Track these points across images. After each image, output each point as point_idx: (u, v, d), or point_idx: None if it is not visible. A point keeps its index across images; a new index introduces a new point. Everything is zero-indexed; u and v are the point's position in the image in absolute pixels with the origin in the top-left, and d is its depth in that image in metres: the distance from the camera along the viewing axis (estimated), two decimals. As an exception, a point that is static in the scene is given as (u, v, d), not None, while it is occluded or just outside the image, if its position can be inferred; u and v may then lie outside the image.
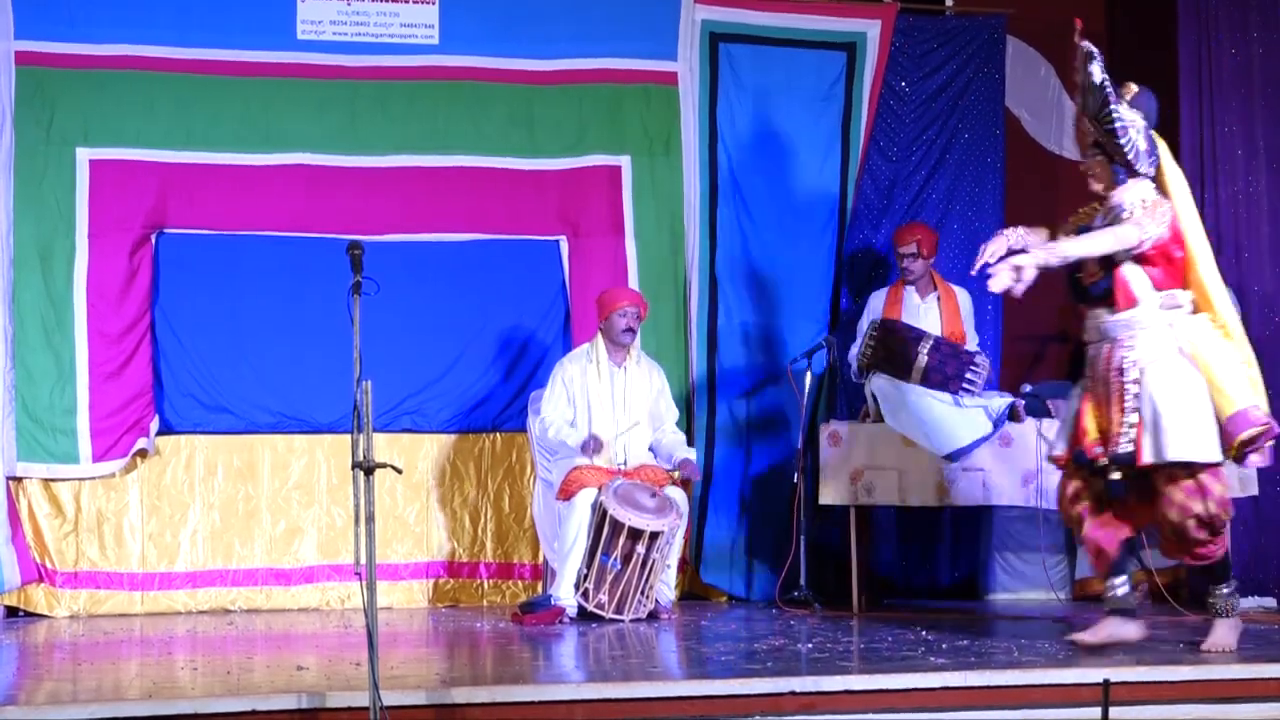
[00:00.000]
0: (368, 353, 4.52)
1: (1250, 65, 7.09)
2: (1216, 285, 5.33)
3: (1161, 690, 4.84)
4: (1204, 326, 5.26)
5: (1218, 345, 5.24)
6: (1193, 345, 5.22)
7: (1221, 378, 5.18)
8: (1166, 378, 5.19)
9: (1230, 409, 5.16)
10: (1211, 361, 5.20)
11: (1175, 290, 5.27)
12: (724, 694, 4.64)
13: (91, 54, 7.03)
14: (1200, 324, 5.26)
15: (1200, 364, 5.20)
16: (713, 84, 7.52)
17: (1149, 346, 5.23)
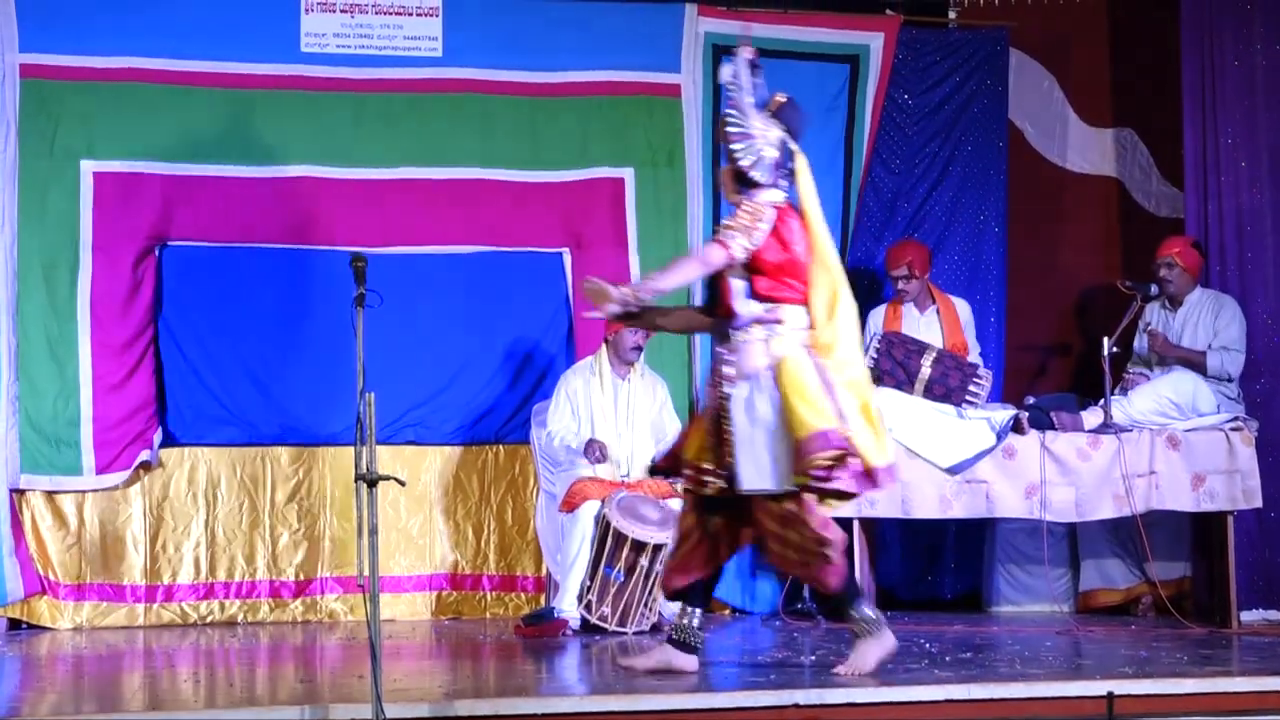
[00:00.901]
0: (371, 365, 4.52)
1: (1253, 77, 7.13)
2: (836, 305, 5.04)
3: (1166, 703, 4.81)
4: (800, 344, 5.00)
5: (807, 365, 4.96)
6: (784, 364, 4.95)
7: (801, 399, 4.89)
8: (748, 401, 4.98)
9: (804, 431, 4.85)
10: (796, 381, 4.92)
11: (783, 305, 5.01)
12: (727, 707, 4.62)
13: (95, 66, 7.04)
14: (798, 342, 5.00)
15: (783, 383, 4.93)
16: (716, 97, 7.50)
17: (743, 363, 5.01)
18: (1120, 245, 7.81)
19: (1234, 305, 6.96)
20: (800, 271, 5.04)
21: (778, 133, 5.12)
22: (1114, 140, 7.85)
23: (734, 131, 5.07)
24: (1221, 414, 6.71)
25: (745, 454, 4.96)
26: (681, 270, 5.06)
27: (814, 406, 4.90)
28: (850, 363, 5.06)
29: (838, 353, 5.05)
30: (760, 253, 4.99)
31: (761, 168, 5.06)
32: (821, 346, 5.04)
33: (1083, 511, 6.62)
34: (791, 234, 5.04)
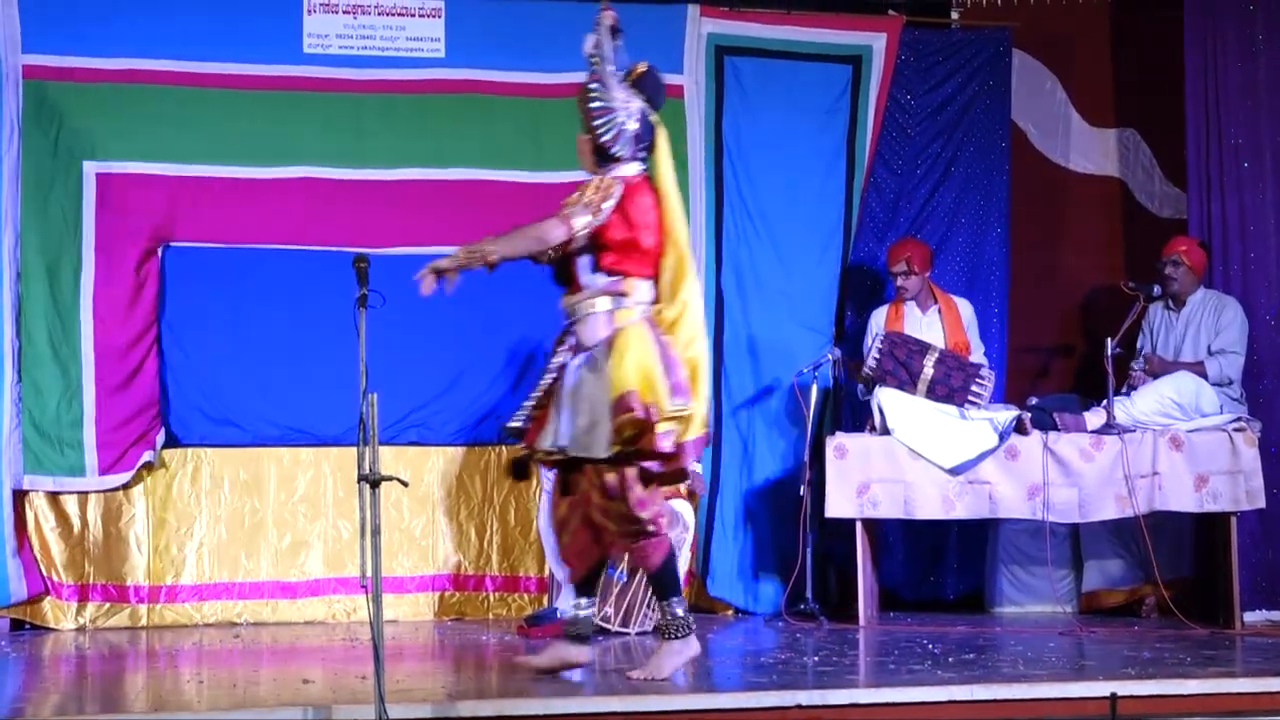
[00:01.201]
0: (374, 365, 4.55)
1: (1256, 78, 7.15)
2: (681, 283, 5.07)
3: (1169, 704, 4.84)
4: (643, 317, 5.01)
5: (646, 336, 4.97)
6: (622, 333, 4.96)
7: (622, 362, 4.89)
8: (579, 369, 5.00)
9: (616, 392, 4.87)
10: (628, 348, 4.92)
11: (628, 278, 5.03)
12: (730, 707, 4.65)
13: (99, 68, 7.05)
14: (641, 314, 5.01)
15: (616, 349, 4.93)
16: (718, 97, 7.52)
17: (585, 333, 5.03)
18: (1123, 246, 7.80)
19: (1236, 306, 6.97)
20: (647, 247, 5.06)
21: (639, 104, 5.16)
22: (1117, 141, 7.85)
23: (595, 107, 5.09)
24: (1225, 414, 6.72)
25: (568, 417, 4.97)
26: (520, 240, 5.05)
27: (631, 370, 4.90)
28: (691, 342, 5.09)
29: (681, 331, 5.08)
30: (606, 228, 5.01)
31: (621, 141, 5.10)
32: (664, 322, 5.08)
33: (1085, 512, 6.63)
34: (640, 210, 5.05)
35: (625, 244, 5.04)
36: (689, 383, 5.04)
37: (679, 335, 5.09)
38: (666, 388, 4.94)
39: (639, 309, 5.06)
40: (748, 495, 7.46)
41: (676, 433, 4.99)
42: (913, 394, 6.80)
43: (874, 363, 6.85)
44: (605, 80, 5.13)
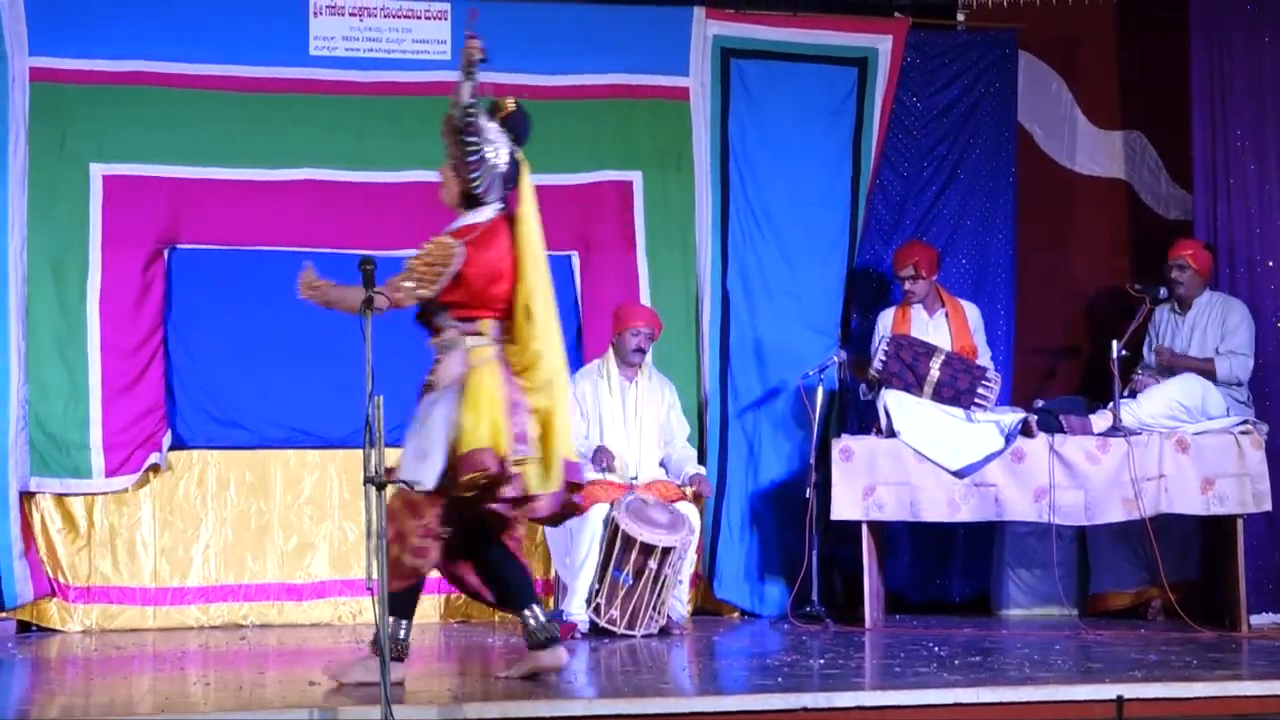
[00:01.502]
0: (379, 367, 4.56)
1: (1262, 80, 7.17)
2: (531, 323, 5.12)
3: (1175, 707, 4.85)
4: (495, 357, 5.09)
5: (495, 380, 5.04)
6: (473, 374, 5.05)
7: (473, 412, 4.97)
8: (430, 402, 5.12)
9: (465, 448, 4.93)
10: (477, 394, 5.00)
11: (484, 320, 5.13)
12: (736, 710, 4.65)
13: (105, 70, 7.09)
14: (493, 354, 5.09)
15: (466, 393, 5.01)
16: (724, 99, 7.55)
17: (441, 373, 5.14)
18: (1129, 248, 7.81)
19: (1243, 308, 6.98)
20: (498, 292, 5.12)
21: (506, 144, 5.25)
22: (1123, 142, 7.85)
23: (471, 154, 5.14)
24: (1231, 417, 6.73)
25: (408, 445, 5.08)
26: (346, 300, 5.15)
27: (482, 423, 4.94)
28: (547, 386, 5.10)
29: (536, 375, 5.10)
30: (444, 291, 5.09)
31: (494, 188, 5.20)
32: (518, 364, 5.11)
33: (1092, 515, 6.63)
34: (489, 260, 5.11)
35: (472, 295, 5.11)
36: (532, 432, 5.06)
37: (534, 378, 5.11)
38: (511, 435, 4.98)
39: (493, 348, 5.12)
40: (754, 498, 7.47)
41: (524, 482, 5.02)
42: (919, 396, 6.81)
43: (880, 365, 6.85)
44: (480, 130, 5.18)
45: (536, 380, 5.11)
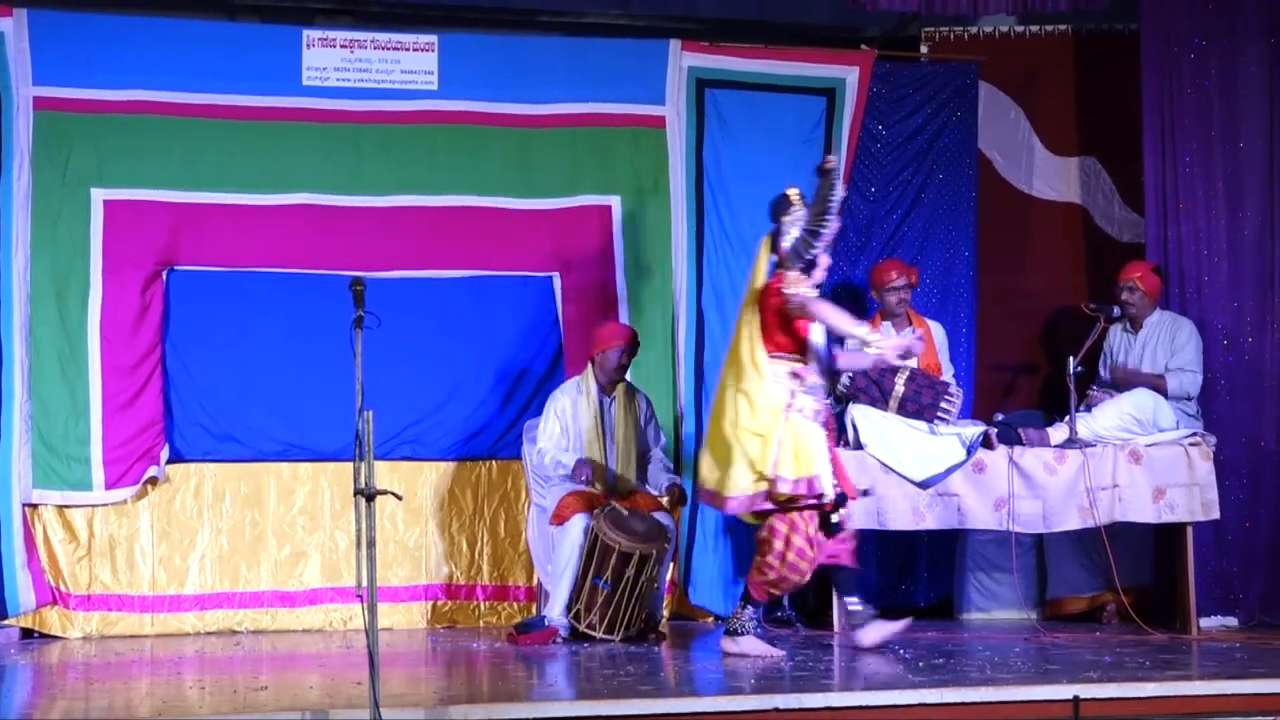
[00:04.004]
0: (369, 384, 4.63)
1: (1210, 110, 7.28)
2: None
3: (1129, 706, 4.95)
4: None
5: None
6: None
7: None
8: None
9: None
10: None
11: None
12: (711, 710, 4.73)
13: (106, 99, 7.13)
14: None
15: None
16: (699, 127, 7.63)
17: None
18: (1085, 269, 7.87)
19: (1190, 327, 7.09)
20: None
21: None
22: (1078, 169, 7.94)
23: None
24: (1181, 429, 6.83)
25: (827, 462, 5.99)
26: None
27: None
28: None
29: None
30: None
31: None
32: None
33: (1049, 523, 6.71)
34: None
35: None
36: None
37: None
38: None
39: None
40: None
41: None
42: (884, 410, 6.89)
43: (847, 380, 6.92)
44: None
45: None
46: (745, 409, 5.85)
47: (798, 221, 5.98)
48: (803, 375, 5.93)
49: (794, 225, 5.98)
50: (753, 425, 5.83)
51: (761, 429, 5.83)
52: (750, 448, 5.83)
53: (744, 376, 5.88)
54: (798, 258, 5.94)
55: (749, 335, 5.95)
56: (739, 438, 5.84)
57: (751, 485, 5.84)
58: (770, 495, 5.84)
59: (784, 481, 5.81)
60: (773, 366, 5.90)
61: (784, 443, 5.82)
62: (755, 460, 5.82)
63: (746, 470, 5.84)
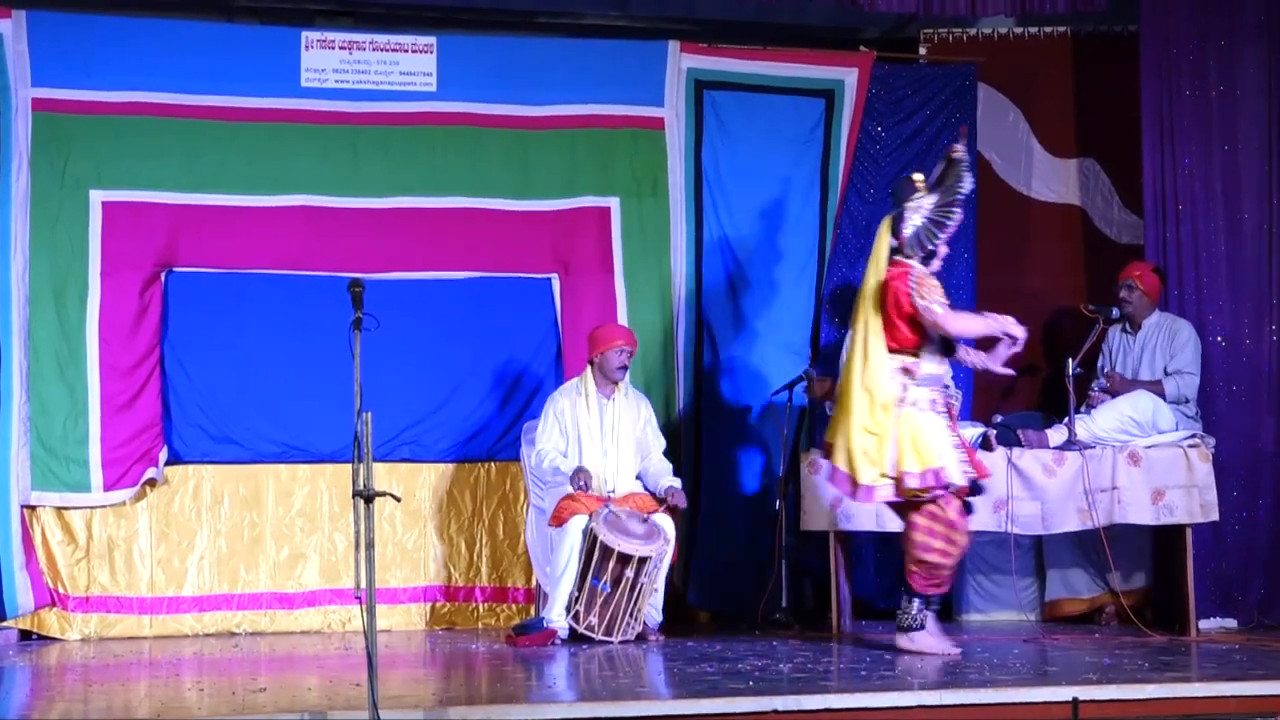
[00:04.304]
0: (368, 385, 4.65)
1: (1208, 112, 7.29)
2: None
3: (1128, 708, 4.95)
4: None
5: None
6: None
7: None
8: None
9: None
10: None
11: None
12: (710, 712, 4.73)
13: (105, 100, 7.15)
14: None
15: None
16: (698, 129, 7.66)
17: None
18: (1084, 270, 7.87)
19: (1189, 328, 7.10)
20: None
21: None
22: (1077, 170, 7.95)
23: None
24: (1180, 431, 6.84)
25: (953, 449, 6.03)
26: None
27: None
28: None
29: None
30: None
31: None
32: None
33: (1048, 525, 6.72)
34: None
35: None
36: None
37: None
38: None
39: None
40: (726, 509, 7.56)
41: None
42: None
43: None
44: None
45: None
46: (865, 406, 5.93)
47: (921, 209, 5.97)
48: (913, 370, 5.96)
49: (917, 212, 5.97)
50: (869, 424, 5.92)
51: (877, 427, 5.91)
52: (869, 446, 5.92)
53: (866, 372, 5.95)
54: (919, 246, 5.97)
55: (871, 329, 5.97)
56: (860, 436, 5.92)
57: (877, 480, 5.93)
58: (900, 490, 5.92)
59: (911, 476, 5.88)
60: (889, 362, 5.95)
61: (901, 439, 5.89)
62: (875, 459, 5.92)
63: (870, 467, 5.93)
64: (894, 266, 5.97)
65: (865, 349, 5.94)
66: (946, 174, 5.91)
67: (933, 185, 5.96)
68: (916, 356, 5.96)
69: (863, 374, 5.91)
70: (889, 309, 5.92)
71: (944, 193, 5.92)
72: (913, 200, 5.97)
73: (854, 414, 5.91)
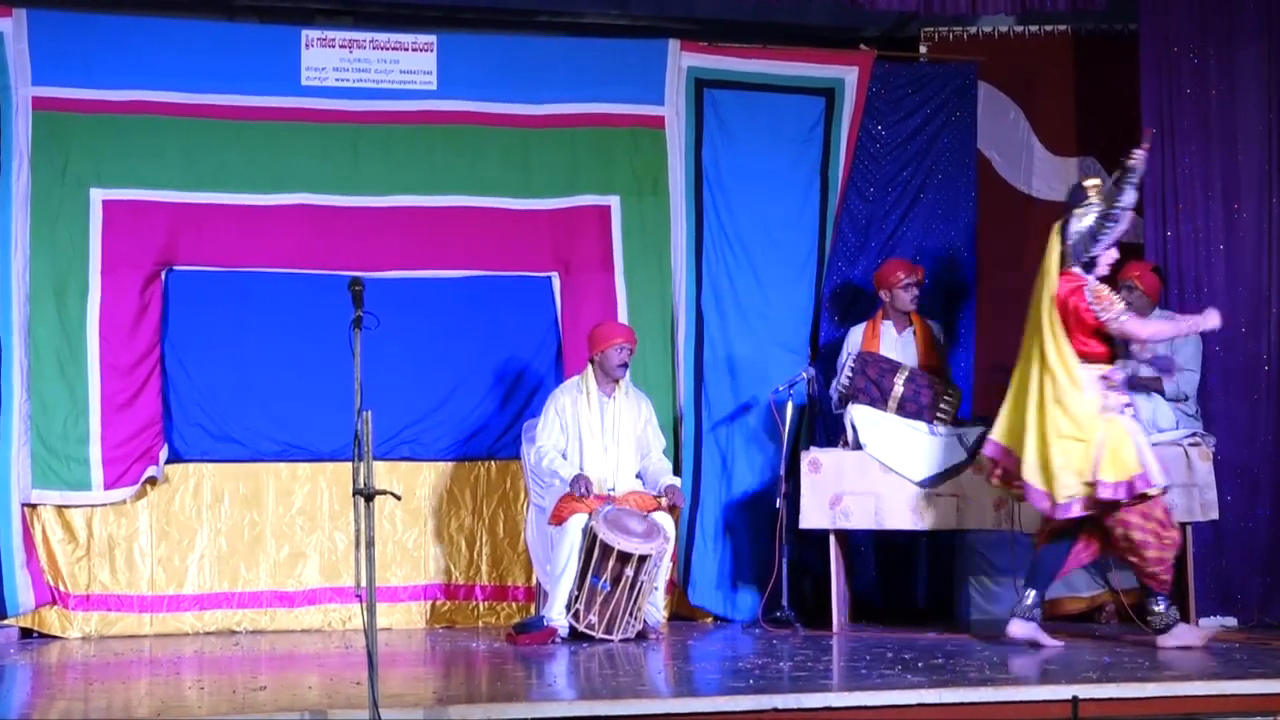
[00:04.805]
0: (368, 384, 4.66)
1: (1208, 112, 7.31)
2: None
3: (1128, 707, 4.99)
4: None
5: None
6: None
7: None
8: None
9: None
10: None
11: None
12: (710, 711, 4.76)
13: (105, 99, 7.16)
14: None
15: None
16: (698, 128, 7.66)
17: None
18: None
19: None
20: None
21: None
22: (1078, 169, 7.91)
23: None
24: (1180, 430, 6.85)
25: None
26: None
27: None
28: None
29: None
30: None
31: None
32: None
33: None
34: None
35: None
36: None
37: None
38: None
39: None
40: (726, 508, 7.57)
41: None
42: (884, 410, 6.93)
43: (846, 381, 6.98)
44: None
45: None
46: (1063, 419, 6.06)
47: (1087, 216, 6.10)
48: (1111, 377, 6.12)
49: (1082, 219, 6.10)
50: (1073, 432, 6.04)
51: (1082, 434, 6.04)
52: (1073, 454, 6.02)
53: (1057, 385, 6.06)
54: (1083, 250, 6.09)
55: (1056, 340, 6.10)
56: (1063, 447, 6.03)
57: (1080, 489, 6.04)
58: (1092, 501, 6.03)
59: (1104, 486, 6.00)
60: (1086, 372, 6.07)
61: (1104, 445, 6.01)
62: (1080, 468, 6.03)
63: (1073, 477, 6.03)
64: (1065, 279, 6.12)
65: (1061, 360, 6.08)
66: (1115, 181, 6.09)
67: (1107, 191, 6.12)
68: (1110, 364, 6.12)
69: (1054, 387, 6.05)
70: (1071, 325, 6.07)
71: (1106, 201, 6.07)
72: (1083, 206, 6.13)
73: (1048, 428, 6.04)
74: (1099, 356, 6.11)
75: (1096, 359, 6.11)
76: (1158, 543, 6.09)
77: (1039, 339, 6.14)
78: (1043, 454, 6.05)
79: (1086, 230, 6.08)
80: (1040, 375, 6.10)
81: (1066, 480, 6.02)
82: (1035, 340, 6.16)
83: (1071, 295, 6.07)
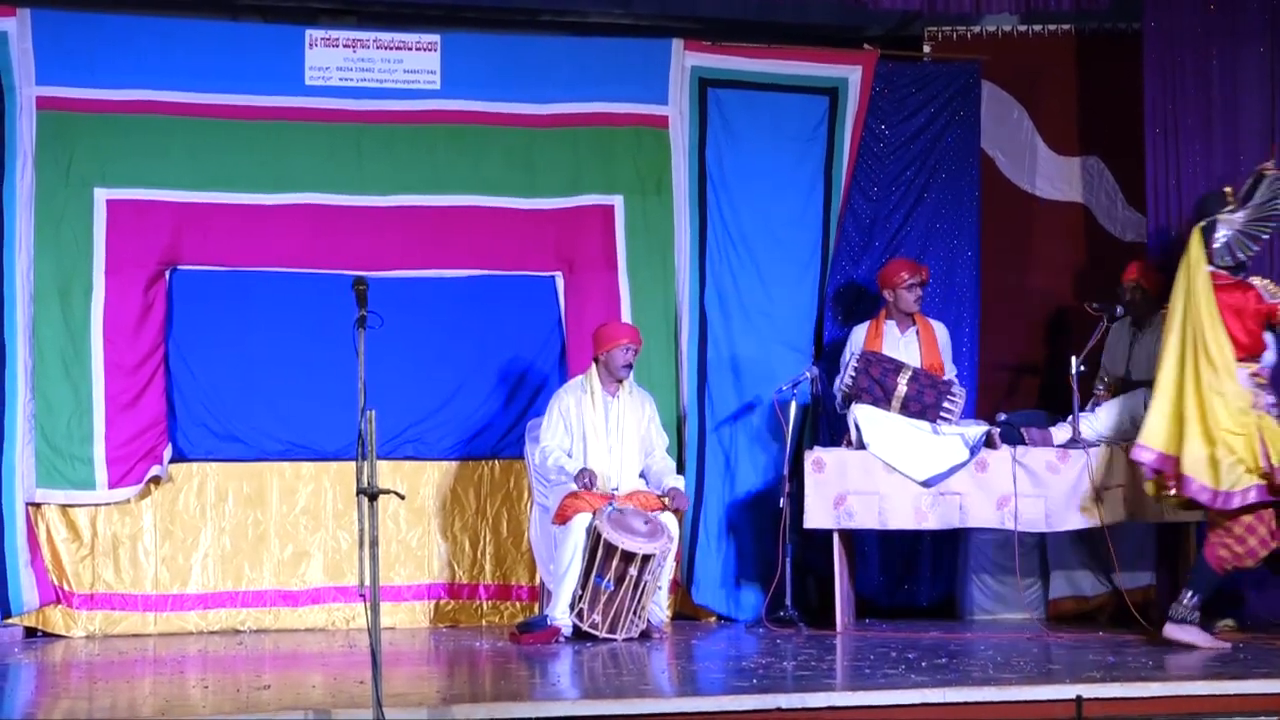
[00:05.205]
0: (372, 383, 4.67)
1: (1210, 111, 7.33)
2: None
3: (1132, 706, 4.99)
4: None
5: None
6: None
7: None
8: None
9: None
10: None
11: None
12: (714, 710, 4.76)
13: (109, 99, 7.18)
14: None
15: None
16: (702, 127, 7.67)
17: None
18: (1087, 268, 7.90)
19: None
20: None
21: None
22: (1081, 168, 7.96)
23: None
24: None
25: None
26: None
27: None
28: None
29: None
30: None
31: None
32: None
33: (1052, 523, 6.74)
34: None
35: None
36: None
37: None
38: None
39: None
40: (730, 507, 7.58)
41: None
42: (887, 410, 6.93)
43: (850, 380, 6.98)
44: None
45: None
46: (1223, 411, 6.14)
47: (1233, 221, 6.31)
48: (1263, 374, 6.28)
49: (1228, 224, 6.31)
50: (1233, 426, 6.13)
51: (1241, 428, 6.14)
52: (1236, 447, 6.11)
53: (1220, 377, 6.17)
54: (1230, 255, 6.29)
55: (1210, 336, 6.20)
56: (1224, 441, 6.12)
57: (1246, 480, 6.11)
58: (1271, 489, 6.10)
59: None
60: (1241, 369, 6.21)
61: (1261, 436, 6.12)
62: (1246, 459, 6.11)
63: (1238, 467, 6.11)
64: (1232, 285, 6.28)
65: (1221, 352, 6.17)
66: (1255, 189, 6.27)
67: (1242, 199, 6.30)
68: (1259, 362, 6.29)
69: (1215, 378, 6.15)
70: (1226, 315, 6.20)
71: (1258, 208, 6.27)
72: (1224, 212, 6.31)
73: (1210, 420, 6.13)
74: (1251, 352, 6.28)
75: (1250, 356, 6.28)
76: (1259, 545, 6.24)
77: (1190, 334, 6.23)
78: (1208, 446, 6.14)
79: (1236, 234, 6.32)
80: (1196, 370, 6.20)
81: (1234, 471, 6.12)
82: (1183, 338, 6.25)
83: (1250, 297, 6.31)
